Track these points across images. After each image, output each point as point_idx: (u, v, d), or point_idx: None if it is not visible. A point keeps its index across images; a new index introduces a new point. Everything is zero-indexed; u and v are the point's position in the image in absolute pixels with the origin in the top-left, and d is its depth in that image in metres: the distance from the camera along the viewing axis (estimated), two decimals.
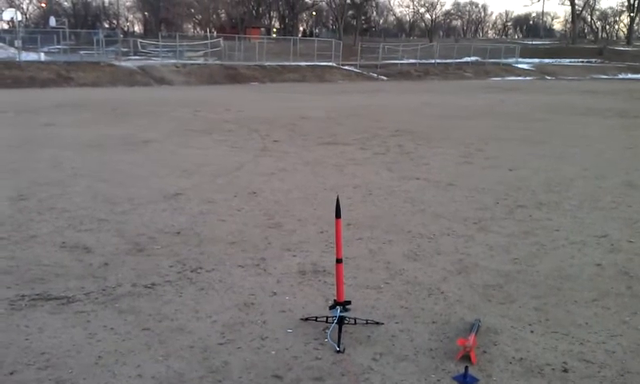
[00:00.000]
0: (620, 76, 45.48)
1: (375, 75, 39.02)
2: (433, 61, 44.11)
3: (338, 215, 4.00)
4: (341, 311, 3.95)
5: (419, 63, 43.11)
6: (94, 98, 20.97)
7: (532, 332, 4.07)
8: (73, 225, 6.32)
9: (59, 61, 30.19)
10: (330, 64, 39.26)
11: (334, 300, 4.04)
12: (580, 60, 53.94)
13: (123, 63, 31.74)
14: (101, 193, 7.65)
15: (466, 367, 3.48)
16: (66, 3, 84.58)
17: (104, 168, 9.18)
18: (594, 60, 54.67)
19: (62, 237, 5.93)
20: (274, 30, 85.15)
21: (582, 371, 3.57)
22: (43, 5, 75.98)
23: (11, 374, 3.45)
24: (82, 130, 13.11)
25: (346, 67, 39.69)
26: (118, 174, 8.75)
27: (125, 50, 36.86)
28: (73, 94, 22.55)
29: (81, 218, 6.57)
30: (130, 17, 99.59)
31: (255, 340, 3.91)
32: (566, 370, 3.58)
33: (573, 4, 74.42)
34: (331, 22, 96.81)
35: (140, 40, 40.71)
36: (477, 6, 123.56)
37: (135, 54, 37.10)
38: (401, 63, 42.62)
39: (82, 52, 34.35)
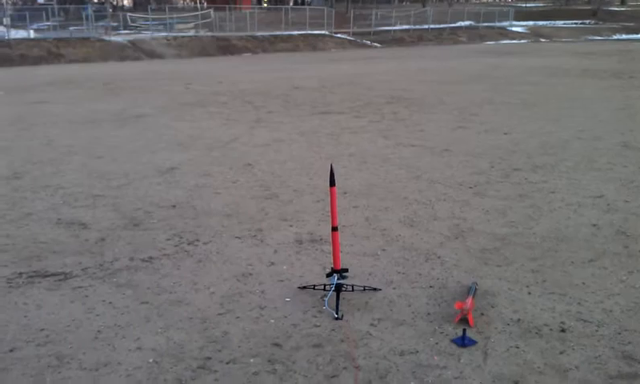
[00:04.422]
0: (614, 37, 45.18)
1: (369, 42, 38.70)
2: (426, 26, 43.71)
3: (332, 183, 3.99)
4: (338, 279, 3.96)
5: (413, 29, 42.73)
6: (85, 74, 20.79)
7: (529, 293, 4.09)
8: (68, 202, 6.30)
9: (49, 38, 29.83)
10: (322, 32, 38.89)
11: (331, 268, 4.04)
12: (574, 21, 53.53)
13: (113, 38, 31.39)
14: (95, 169, 7.61)
15: (464, 330, 3.50)
16: None
17: (98, 144, 9.13)
18: (588, 21, 54.25)
19: (58, 214, 5.91)
20: None
21: (580, 331, 3.60)
22: None
23: (11, 351, 3.46)
24: (74, 106, 13.01)
25: (339, 35, 39.33)
26: (112, 150, 8.71)
27: (114, 24, 36.40)
28: (64, 70, 22.35)
29: (76, 194, 6.55)
30: None
31: (254, 309, 3.92)
32: (563, 330, 3.60)
33: None
34: None
35: (129, 14, 40.22)
36: None
37: (125, 29, 36.66)
38: (394, 30, 42.23)
39: (71, 28, 33.94)
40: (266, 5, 42.75)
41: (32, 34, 30.50)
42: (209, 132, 9.94)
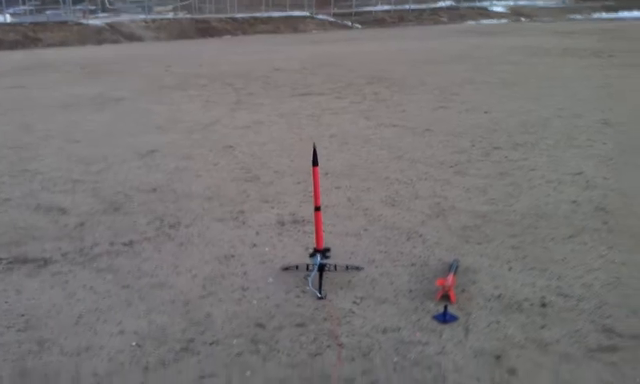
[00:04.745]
0: (594, 15, 45.38)
1: (350, 24, 38.52)
2: (407, 6, 43.58)
3: (315, 163, 3.98)
4: (321, 258, 3.96)
5: (394, 10, 42.55)
6: (63, 58, 20.49)
7: (510, 269, 4.12)
8: (47, 187, 6.23)
9: (25, 22, 29.31)
10: (303, 14, 38.62)
11: (314, 248, 4.04)
12: (554, 1, 53.69)
13: (91, 21, 30.93)
14: (74, 153, 7.52)
15: (446, 306, 3.52)
16: None
17: (76, 128, 9.02)
18: (568, 0, 54.44)
19: (37, 199, 5.85)
20: None
21: (561, 305, 3.64)
22: None
23: None
24: (52, 91, 12.82)
25: (320, 16, 39.09)
26: (91, 134, 8.61)
27: (92, 7, 35.85)
28: (41, 55, 22.00)
29: (54, 179, 6.47)
30: None
31: (236, 291, 3.92)
32: (544, 305, 3.64)
33: None
34: None
35: None
36: None
37: (103, 11, 36.12)
38: (375, 10, 42.03)
39: (48, 12, 33.36)
40: None
41: (8, 19, 29.96)
42: (189, 115, 9.86)
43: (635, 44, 20.97)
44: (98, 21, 31.47)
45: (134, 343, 3.34)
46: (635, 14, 43.49)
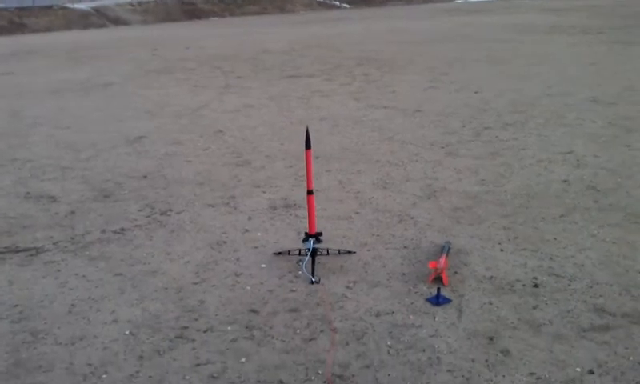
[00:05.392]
0: None
1: (337, 3, 38.30)
2: None
3: (308, 146, 3.97)
4: (314, 243, 3.96)
5: None
6: (49, 43, 20.26)
7: (502, 250, 4.14)
8: (36, 174, 6.19)
9: (10, 7, 28.90)
10: None
11: (306, 233, 4.04)
12: None
13: (76, 5, 30.56)
14: (63, 140, 7.47)
15: (439, 288, 3.54)
16: None
17: (64, 115, 8.94)
18: None
19: (26, 187, 5.80)
20: None
21: (553, 285, 3.66)
22: None
23: None
24: (39, 77, 12.69)
25: None
26: (80, 120, 8.54)
27: None
28: (27, 40, 21.75)
29: (44, 167, 6.43)
30: None
31: (229, 277, 3.92)
32: (536, 285, 3.66)
33: None
34: None
35: None
36: None
37: None
38: None
39: None
40: None
41: None
42: (177, 99, 9.79)
43: (624, 21, 20.96)
44: (83, 5, 31.09)
45: (127, 332, 3.34)
46: None
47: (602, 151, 6.26)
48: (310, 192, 3.98)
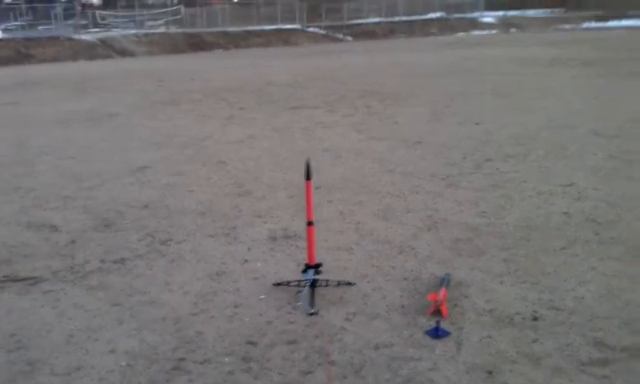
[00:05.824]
0: (584, 25, 45.76)
1: (341, 36, 38.73)
2: (398, 18, 43.85)
3: (308, 177, 3.98)
4: (313, 274, 3.95)
5: (384, 21, 42.82)
6: (56, 73, 20.49)
7: (502, 283, 4.12)
8: (39, 203, 6.21)
9: (18, 37, 29.38)
10: (294, 27, 38.80)
11: (306, 263, 4.04)
12: (544, 10, 54.08)
13: (83, 36, 30.98)
14: (67, 170, 7.52)
15: (438, 321, 3.52)
16: None
17: (69, 144, 9.01)
18: (557, 10, 54.86)
19: (28, 216, 5.83)
20: None
21: (552, 319, 3.64)
22: None
23: None
24: (45, 107, 12.82)
25: (311, 29, 39.28)
26: (84, 150, 8.60)
27: (84, 22, 35.88)
28: (34, 70, 22.01)
29: (47, 196, 6.46)
30: None
31: (228, 308, 3.90)
32: (536, 319, 3.64)
33: None
34: None
35: (99, 11, 39.68)
36: None
37: (95, 27, 36.15)
38: (366, 23, 42.29)
39: (40, 27, 33.42)
40: (236, 0, 42.47)
41: (0, 35, 29.98)
42: (182, 130, 9.86)
43: (624, 53, 21.12)
44: (89, 36, 31.51)
45: (124, 363, 3.32)
46: (624, 23, 43.83)
47: (603, 184, 6.26)
48: (309, 223, 3.99)
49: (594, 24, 45.87)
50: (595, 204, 5.66)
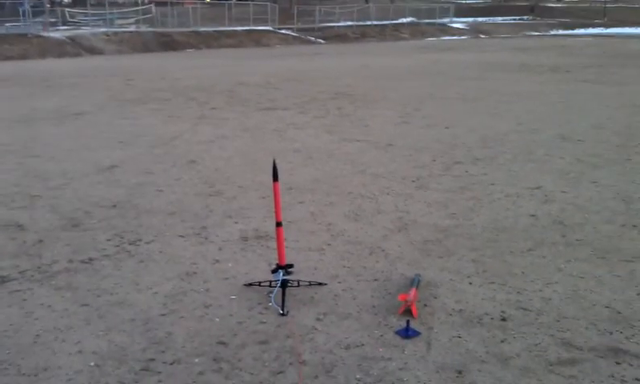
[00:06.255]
0: (552, 32, 46.59)
1: (312, 39, 38.77)
2: (369, 22, 44.09)
3: (275, 178, 3.98)
4: (283, 274, 3.95)
5: (356, 25, 43.00)
6: (23, 71, 20.12)
7: (470, 283, 4.17)
8: (4, 203, 6.09)
9: None
10: (266, 28, 38.71)
11: (277, 264, 4.03)
12: (513, 18, 54.92)
13: (51, 34, 30.45)
14: (32, 168, 7.38)
15: (408, 321, 3.55)
16: None
17: (35, 143, 8.85)
18: (526, 17, 55.75)
19: None
20: None
21: (520, 319, 3.69)
22: None
23: None
24: (11, 104, 12.57)
25: (283, 31, 39.24)
26: (50, 149, 8.46)
27: (53, 20, 35.27)
28: (0, 67, 21.58)
29: (12, 195, 6.33)
30: None
31: (198, 308, 3.88)
32: (504, 319, 3.69)
33: None
34: None
35: (68, 9, 39.07)
36: None
37: (64, 24, 35.53)
38: (338, 26, 42.41)
39: (7, 24, 32.75)
40: (208, 0, 42.22)
41: None
42: (151, 129, 9.77)
43: (591, 60, 21.55)
44: (58, 34, 30.99)
45: (92, 363, 3.27)
46: (590, 31, 44.80)
47: (570, 187, 6.37)
48: (279, 224, 3.99)
49: (561, 31, 46.74)
50: (562, 207, 5.76)
